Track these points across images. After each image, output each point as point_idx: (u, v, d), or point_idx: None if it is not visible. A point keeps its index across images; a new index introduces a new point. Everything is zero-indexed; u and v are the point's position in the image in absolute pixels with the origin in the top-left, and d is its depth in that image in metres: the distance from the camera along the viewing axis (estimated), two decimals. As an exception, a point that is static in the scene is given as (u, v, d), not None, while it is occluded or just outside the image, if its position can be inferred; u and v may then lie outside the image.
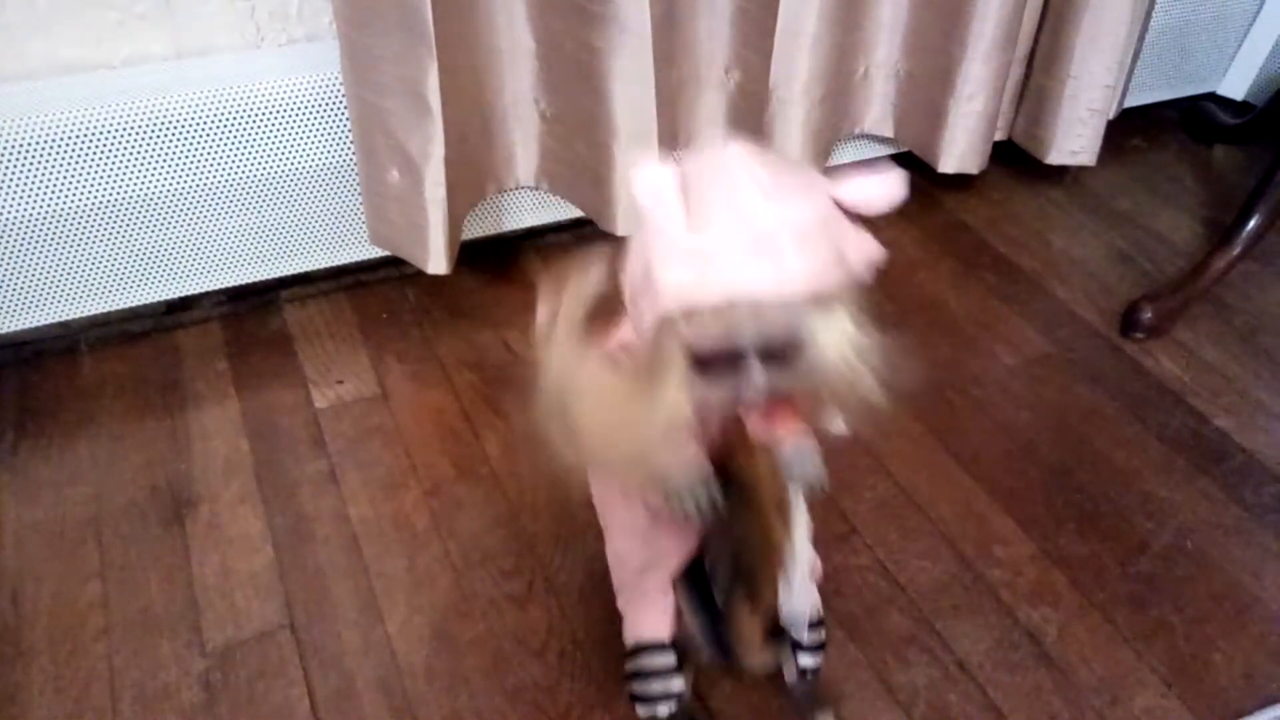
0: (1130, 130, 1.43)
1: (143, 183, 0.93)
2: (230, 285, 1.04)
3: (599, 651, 0.76)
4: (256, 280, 1.05)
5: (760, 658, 0.63)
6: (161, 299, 1.02)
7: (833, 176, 0.54)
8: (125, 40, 0.92)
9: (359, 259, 1.09)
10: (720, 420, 0.57)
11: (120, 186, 0.92)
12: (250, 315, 1.08)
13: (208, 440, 0.93)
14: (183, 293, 1.02)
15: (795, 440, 0.61)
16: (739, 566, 0.58)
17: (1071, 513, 0.88)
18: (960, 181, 1.28)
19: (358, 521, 0.85)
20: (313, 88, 0.94)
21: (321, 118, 0.96)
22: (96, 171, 0.90)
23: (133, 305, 1.01)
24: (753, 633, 0.61)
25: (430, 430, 0.94)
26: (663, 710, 0.66)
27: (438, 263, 0.99)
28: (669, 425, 0.56)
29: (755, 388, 0.55)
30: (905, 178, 0.54)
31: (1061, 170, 1.33)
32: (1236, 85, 1.49)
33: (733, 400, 0.57)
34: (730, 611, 0.61)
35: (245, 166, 0.96)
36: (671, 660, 0.66)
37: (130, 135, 0.90)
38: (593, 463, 0.67)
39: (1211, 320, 1.11)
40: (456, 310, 1.09)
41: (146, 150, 0.91)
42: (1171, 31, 1.37)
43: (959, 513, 0.88)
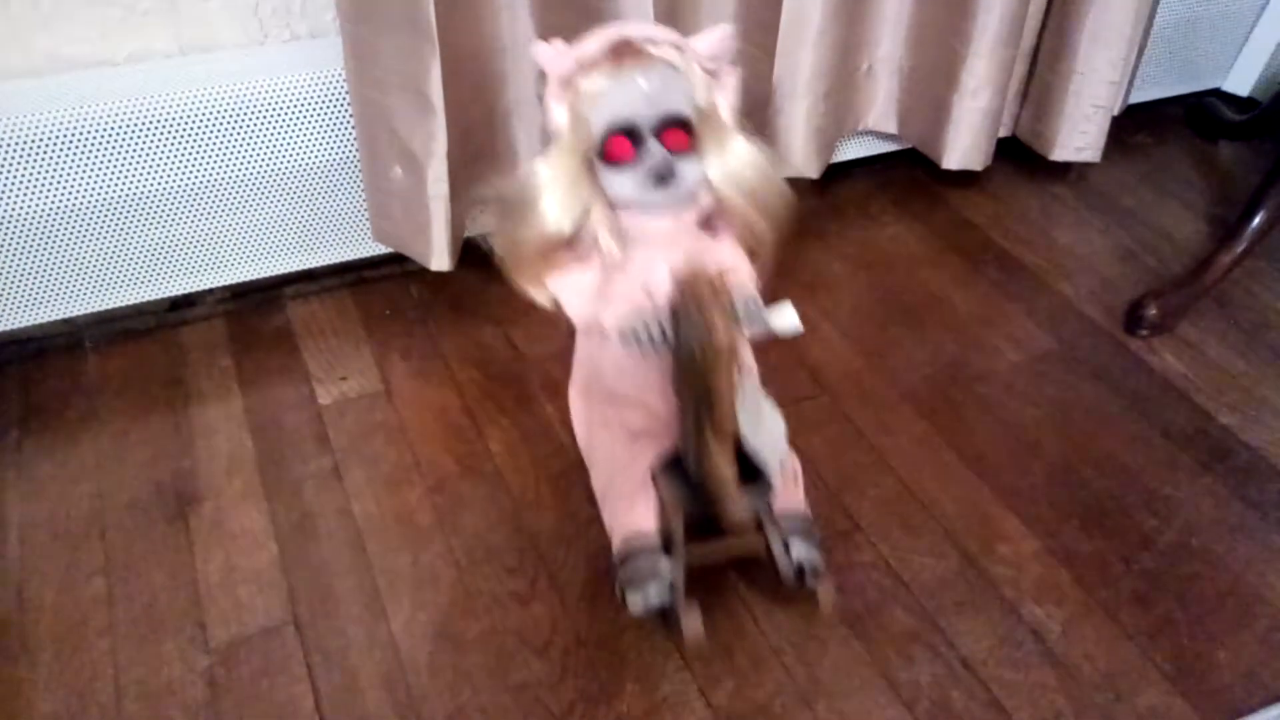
0: (1135, 126, 1.43)
1: (146, 180, 0.93)
2: (234, 282, 1.04)
3: (602, 649, 0.76)
4: (260, 277, 1.05)
5: (737, 502, 0.67)
6: (165, 296, 1.02)
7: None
8: (129, 37, 0.92)
9: (362, 256, 1.09)
10: (675, 276, 0.63)
11: (124, 183, 0.92)
12: (254, 312, 1.08)
13: (211, 437, 0.93)
14: (186, 290, 1.02)
15: (739, 288, 0.73)
16: (700, 407, 0.62)
17: (1075, 510, 0.88)
18: (964, 178, 1.28)
19: (361, 518, 0.86)
20: (316, 84, 0.94)
21: (324, 114, 0.96)
22: (100, 168, 0.90)
23: (136, 302, 1.01)
24: (724, 469, 0.64)
25: (434, 427, 0.94)
26: (653, 591, 0.68)
27: (441, 259, 0.99)
28: (571, 196, 0.72)
29: (657, 161, 0.70)
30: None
31: (1066, 167, 1.32)
32: (1241, 81, 1.49)
33: (649, 190, 0.71)
34: (700, 452, 0.64)
35: (248, 163, 0.96)
36: (657, 544, 0.69)
37: (134, 132, 0.90)
38: (511, 256, 0.78)
39: (1216, 317, 1.10)
40: (460, 307, 1.09)
41: (150, 147, 0.91)
42: (1176, 27, 1.36)
43: (963, 509, 0.88)
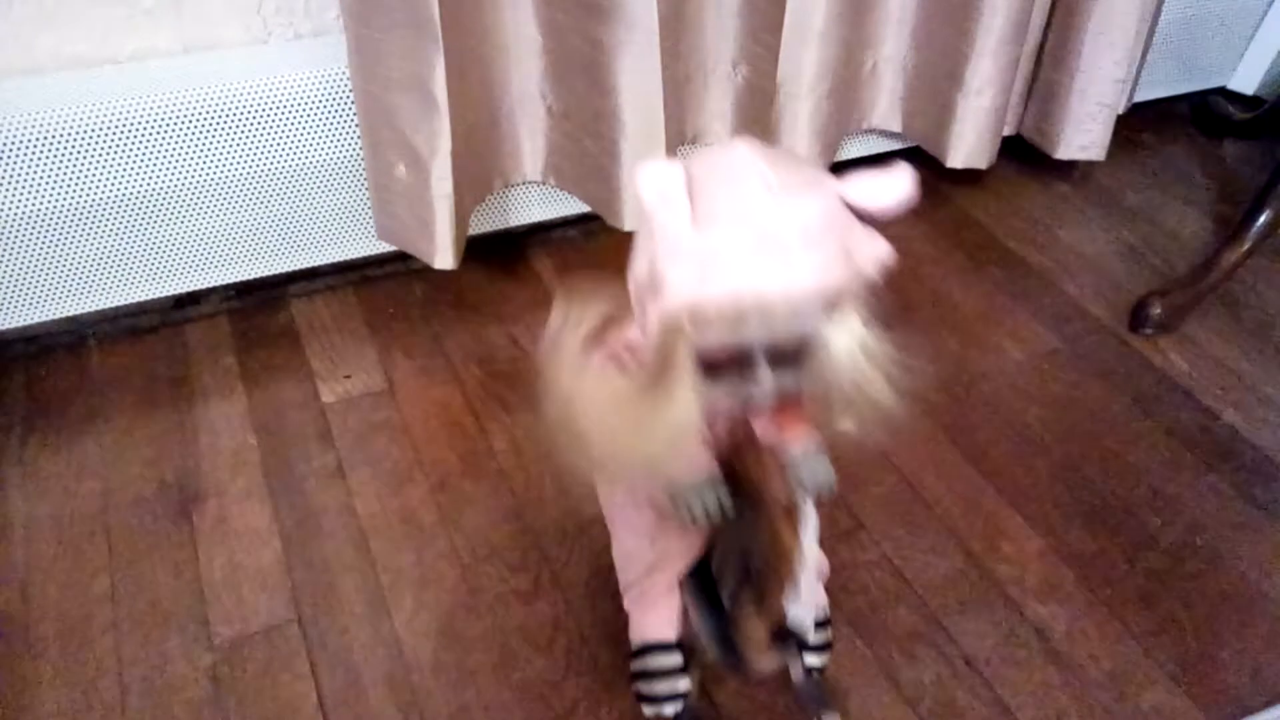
0: (1140, 125, 1.42)
1: (150, 178, 0.93)
2: (237, 280, 1.05)
3: (606, 646, 0.76)
4: (264, 275, 1.05)
5: (766, 660, 0.62)
6: (169, 294, 1.02)
7: (842, 175, 0.53)
8: (132, 35, 0.92)
9: (366, 254, 1.09)
10: (727, 422, 0.56)
11: (127, 181, 0.92)
12: (257, 310, 1.08)
13: (215, 435, 0.93)
14: (190, 288, 1.02)
15: (804, 444, 0.60)
16: (746, 570, 0.58)
17: (1079, 509, 0.88)
18: (969, 177, 1.28)
19: (365, 516, 0.86)
20: (320, 83, 0.94)
21: (328, 113, 0.96)
22: (103, 166, 0.90)
23: (140, 300, 1.01)
24: (759, 635, 0.60)
25: (437, 425, 0.94)
26: (668, 710, 0.66)
27: (444, 258, 0.99)
28: (678, 429, 0.55)
29: (763, 390, 0.54)
30: (914, 176, 0.53)
31: (1070, 165, 1.32)
32: (1247, 80, 1.48)
33: (741, 403, 0.57)
34: (736, 614, 0.60)
35: (252, 161, 0.96)
36: (677, 660, 0.65)
37: (137, 130, 0.90)
38: (601, 470, 0.66)
39: (1221, 316, 1.10)
40: (463, 305, 1.09)
41: (153, 145, 0.91)
42: (1181, 25, 1.36)
43: (966, 508, 0.88)
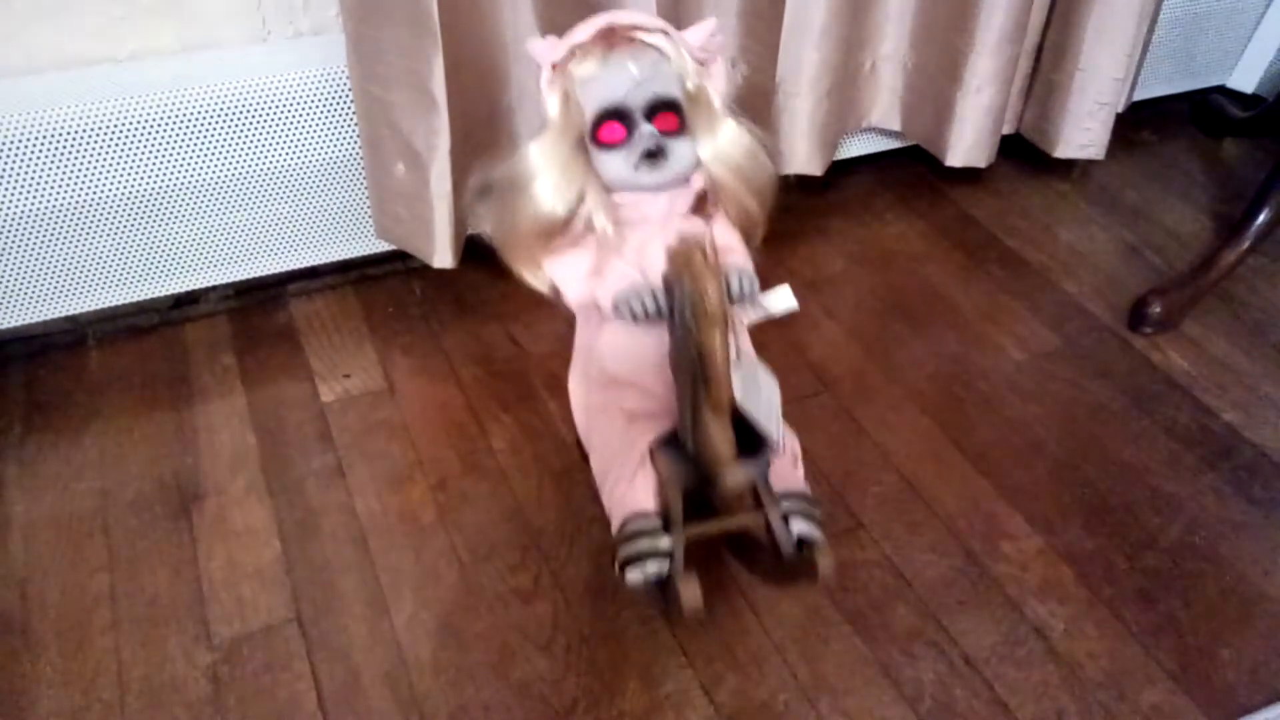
0: (1139, 123, 1.42)
1: (149, 177, 0.93)
2: (237, 280, 1.05)
3: (605, 645, 0.76)
4: (263, 274, 1.05)
5: (735, 472, 0.66)
6: (168, 293, 1.02)
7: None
8: (131, 34, 0.92)
9: (365, 253, 1.09)
10: (669, 249, 0.64)
11: (126, 180, 0.92)
12: (257, 309, 1.08)
13: (214, 434, 0.93)
14: (189, 287, 1.02)
15: (735, 261, 0.76)
16: (695, 378, 0.62)
17: (1079, 508, 0.88)
18: (968, 175, 1.28)
19: (364, 515, 0.86)
20: (318, 81, 0.94)
21: (327, 111, 0.96)
22: (102, 165, 0.90)
23: (140, 299, 1.01)
24: (720, 439, 0.63)
25: (436, 424, 0.94)
26: (651, 567, 0.68)
27: (443, 257, 0.99)
28: (566, 179, 0.73)
29: (647, 138, 0.72)
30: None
31: (1070, 164, 1.32)
32: (1246, 78, 1.48)
33: (637, 165, 0.73)
34: (696, 423, 0.64)
35: (251, 160, 0.96)
36: (656, 522, 0.69)
37: (136, 129, 0.90)
38: (502, 231, 0.79)
39: (1220, 315, 1.10)
40: (462, 304, 1.09)
41: (152, 144, 0.91)
42: (1181, 24, 1.36)
43: (966, 507, 0.88)
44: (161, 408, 0.95)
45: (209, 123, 0.92)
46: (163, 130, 0.91)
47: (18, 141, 0.86)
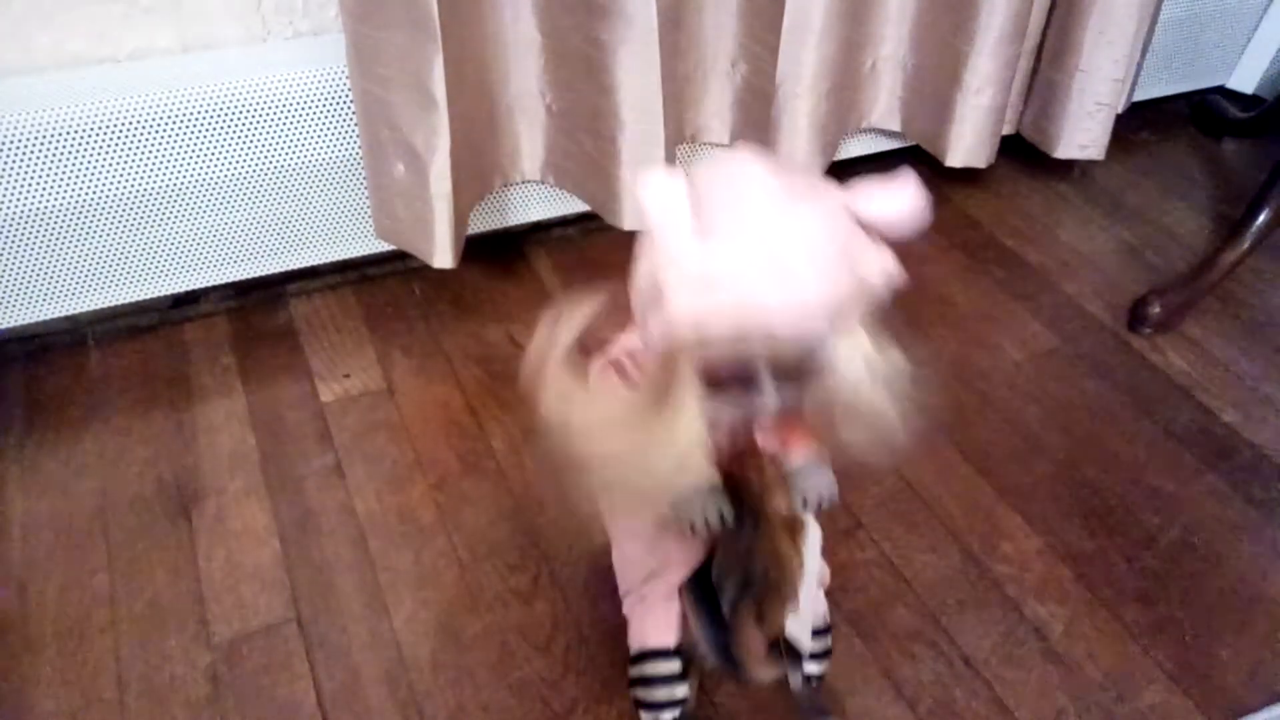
0: (1139, 124, 1.42)
1: (148, 176, 0.93)
2: (236, 279, 1.04)
3: (604, 646, 0.76)
4: (262, 274, 1.05)
5: (764, 670, 0.62)
6: (168, 293, 1.02)
7: (846, 183, 0.51)
8: (131, 33, 0.92)
9: (365, 253, 1.09)
10: (729, 431, 0.55)
11: (126, 180, 0.92)
12: (256, 309, 1.08)
13: (214, 434, 0.93)
14: (189, 287, 1.02)
15: (805, 455, 0.60)
16: (747, 581, 0.57)
17: (1078, 508, 0.88)
18: (968, 176, 1.28)
19: (364, 515, 0.86)
20: (318, 81, 0.94)
21: (327, 111, 0.96)
22: (102, 165, 0.90)
23: (139, 299, 1.01)
24: (758, 646, 0.59)
25: (436, 424, 0.94)
26: (666, 717, 0.66)
27: (443, 257, 0.99)
28: (685, 447, 0.53)
29: (767, 405, 0.53)
30: (918, 184, 0.51)
31: (1069, 164, 1.32)
32: (1246, 79, 1.48)
33: (745, 419, 0.56)
34: (736, 624, 0.59)
35: (251, 160, 0.96)
36: (676, 667, 0.65)
37: (136, 129, 0.90)
38: (605, 495, 0.62)
39: (1220, 315, 1.10)
40: (462, 304, 1.09)
41: (152, 144, 0.91)
42: (1181, 25, 1.36)
43: (965, 508, 0.88)
44: (161, 408, 0.95)
45: (209, 122, 0.92)
46: (162, 130, 0.91)
47: (18, 141, 0.86)
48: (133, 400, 0.96)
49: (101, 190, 0.92)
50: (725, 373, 0.52)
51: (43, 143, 0.87)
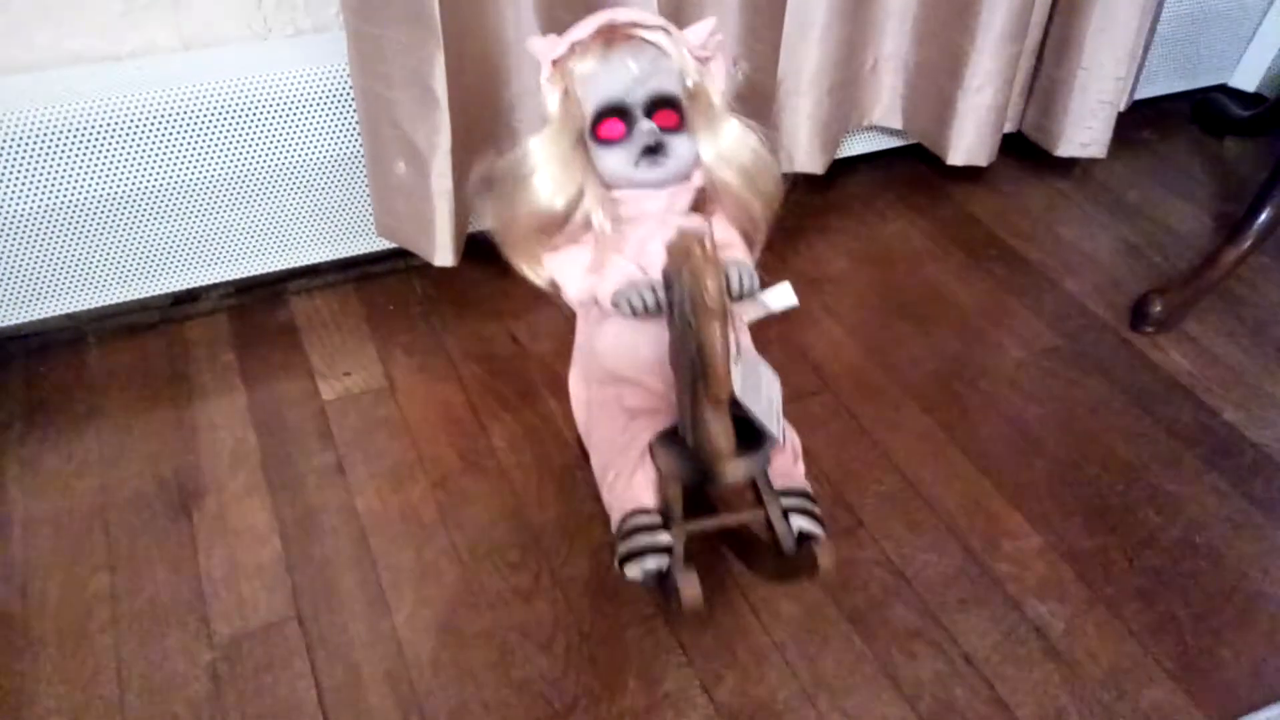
0: (1140, 122, 1.42)
1: (149, 174, 0.93)
2: (237, 277, 1.04)
3: (605, 644, 0.76)
4: (263, 272, 1.05)
5: (734, 466, 0.67)
6: (168, 291, 1.02)
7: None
8: (132, 31, 0.92)
9: (366, 251, 1.09)
10: (668, 243, 0.63)
11: (127, 178, 0.92)
12: (257, 307, 1.08)
13: (215, 432, 0.93)
14: (189, 285, 1.02)
15: (733, 254, 0.75)
16: (694, 373, 0.62)
17: (1079, 506, 0.88)
18: (969, 174, 1.27)
19: (365, 513, 0.86)
20: (320, 79, 0.94)
21: (328, 109, 0.96)
22: (103, 163, 0.90)
23: (139, 297, 1.01)
24: (719, 434, 0.64)
25: (437, 422, 0.94)
26: (651, 563, 0.69)
27: (444, 255, 0.99)
28: (564, 175, 0.74)
29: (646, 136, 0.72)
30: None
31: (1071, 162, 1.32)
32: (1248, 77, 1.48)
33: (636, 161, 0.73)
34: (696, 418, 0.64)
35: (252, 158, 0.96)
36: (656, 519, 0.70)
37: (136, 127, 0.90)
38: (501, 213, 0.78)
39: (1222, 314, 1.10)
40: (463, 303, 1.09)
41: (153, 142, 0.91)
42: (1183, 23, 1.36)
43: (966, 506, 0.88)
44: (161, 406, 0.95)
45: (210, 120, 0.92)
46: (163, 128, 0.91)
47: (18, 139, 0.86)
48: (133, 398, 0.96)
49: (102, 188, 0.92)
50: (605, 117, 0.72)
51: (43, 141, 0.87)
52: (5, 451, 0.90)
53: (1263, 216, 1.07)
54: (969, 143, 1.19)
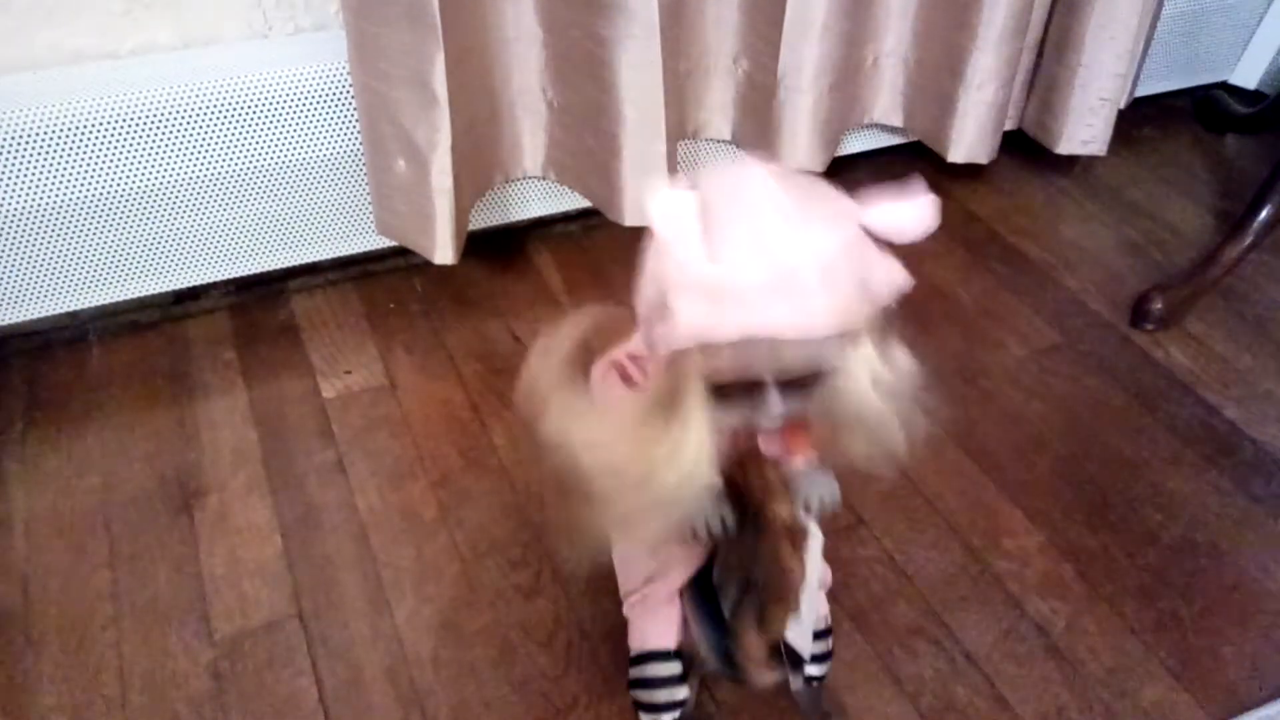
0: (1141, 120, 1.42)
1: (150, 173, 0.93)
2: (238, 275, 1.04)
3: (606, 642, 0.76)
4: (264, 270, 1.05)
5: (765, 675, 0.60)
6: (169, 289, 1.02)
7: (860, 198, 0.51)
8: (132, 30, 0.92)
9: (366, 249, 1.09)
10: (731, 436, 0.54)
11: (127, 177, 0.92)
12: (258, 305, 1.08)
13: (216, 430, 0.93)
14: (190, 283, 1.02)
15: (808, 460, 0.60)
16: (748, 585, 0.56)
17: (1080, 504, 0.88)
18: (970, 171, 1.27)
19: (365, 511, 0.86)
20: (320, 77, 0.94)
21: (329, 108, 0.96)
22: (103, 162, 0.90)
23: (141, 295, 1.01)
24: (759, 651, 0.58)
25: (438, 420, 0.94)
26: (666, 718, 0.66)
27: (444, 253, 0.99)
28: (693, 460, 0.53)
29: (773, 417, 0.53)
30: (935, 203, 0.52)
31: (1072, 160, 1.32)
32: (1248, 74, 1.48)
33: (749, 427, 0.55)
34: (737, 628, 0.58)
35: (252, 156, 0.96)
36: (676, 669, 0.65)
37: (137, 125, 0.90)
38: (610, 509, 0.58)
39: (1222, 311, 1.10)
40: (464, 300, 1.09)
41: (154, 140, 0.91)
42: (1183, 20, 1.36)
43: (967, 504, 0.88)
44: (162, 404, 0.95)
45: (210, 119, 0.92)
46: (164, 126, 0.91)
47: (19, 137, 0.86)
48: (134, 396, 0.96)
49: (103, 186, 0.92)
50: (731, 383, 0.52)
51: (44, 139, 0.87)
52: (6, 450, 0.90)
53: (1263, 214, 1.07)
54: (969, 140, 1.19)
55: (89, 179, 0.91)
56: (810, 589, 0.59)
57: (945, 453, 0.92)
